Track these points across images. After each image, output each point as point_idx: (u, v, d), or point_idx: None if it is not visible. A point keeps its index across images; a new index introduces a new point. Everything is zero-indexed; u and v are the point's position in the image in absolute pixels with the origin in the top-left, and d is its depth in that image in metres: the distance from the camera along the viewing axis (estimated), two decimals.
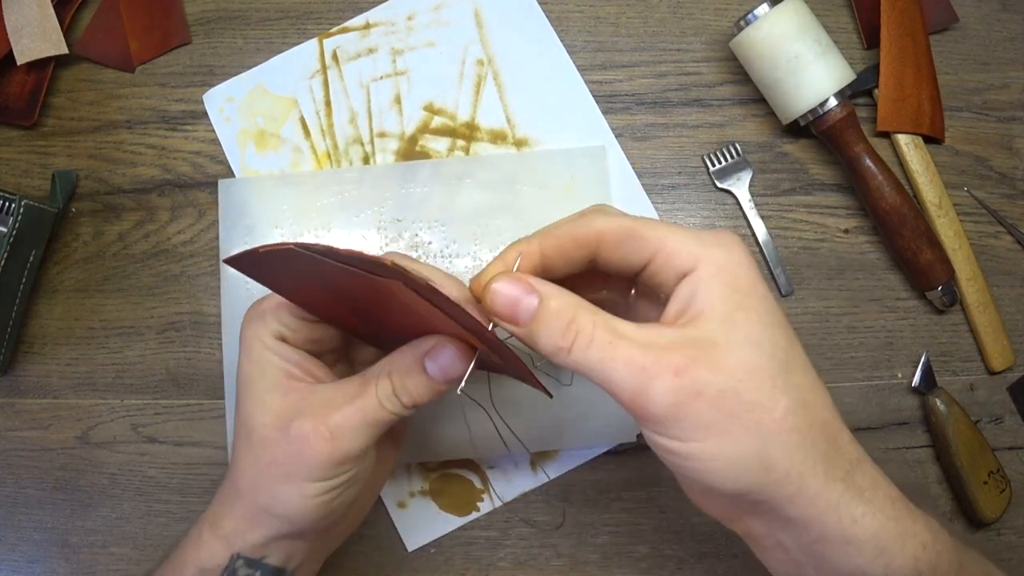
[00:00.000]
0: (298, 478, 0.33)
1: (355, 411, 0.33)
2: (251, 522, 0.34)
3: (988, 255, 0.50)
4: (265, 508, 0.34)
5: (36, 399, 0.50)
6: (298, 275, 0.32)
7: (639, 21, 0.53)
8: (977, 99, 0.52)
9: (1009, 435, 0.49)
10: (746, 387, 0.28)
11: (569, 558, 0.48)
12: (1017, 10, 0.53)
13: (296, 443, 0.33)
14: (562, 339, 0.29)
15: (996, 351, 0.49)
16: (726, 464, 0.28)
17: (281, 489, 0.33)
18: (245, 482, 0.34)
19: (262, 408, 0.34)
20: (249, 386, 0.35)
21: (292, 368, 0.35)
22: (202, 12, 0.53)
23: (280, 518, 0.34)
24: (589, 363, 0.29)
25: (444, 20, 0.52)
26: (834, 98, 0.47)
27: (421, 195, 0.50)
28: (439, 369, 0.33)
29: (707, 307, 0.29)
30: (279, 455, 0.33)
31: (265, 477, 0.34)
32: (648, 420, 0.28)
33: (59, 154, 0.52)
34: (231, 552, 0.34)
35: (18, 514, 0.49)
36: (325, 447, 0.33)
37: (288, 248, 0.28)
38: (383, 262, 0.28)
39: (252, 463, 0.34)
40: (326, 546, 0.39)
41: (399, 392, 0.34)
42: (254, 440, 0.34)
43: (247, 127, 0.52)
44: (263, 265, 0.31)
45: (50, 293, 0.51)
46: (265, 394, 0.34)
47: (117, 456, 0.50)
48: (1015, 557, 0.48)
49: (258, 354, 0.35)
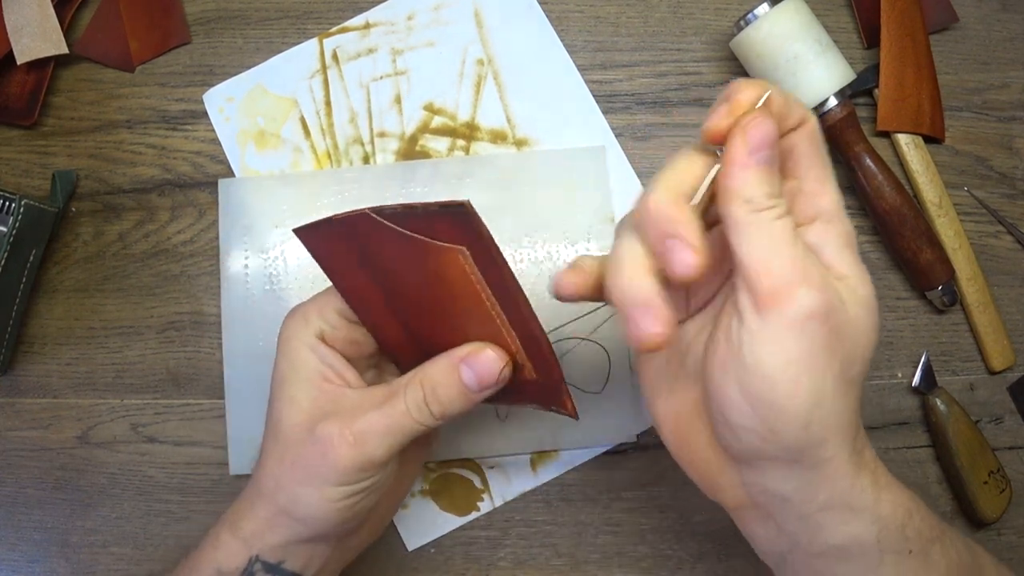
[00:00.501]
0: (320, 480, 0.33)
1: (381, 418, 0.33)
2: (271, 523, 0.34)
3: (988, 255, 0.50)
4: (286, 509, 0.34)
5: (36, 399, 0.50)
6: (357, 256, 0.32)
7: (639, 21, 0.53)
8: (977, 99, 0.52)
9: (1009, 435, 0.49)
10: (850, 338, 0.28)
11: (569, 558, 0.48)
12: (1017, 10, 0.53)
13: (321, 444, 0.33)
14: (766, 199, 0.27)
15: (996, 351, 0.49)
16: (799, 398, 0.27)
17: (303, 490, 0.33)
18: (268, 481, 0.34)
19: (292, 407, 0.34)
20: (282, 384, 0.35)
21: (326, 369, 0.35)
22: (202, 12, 0.53)
23: (300, 520, 0.34)
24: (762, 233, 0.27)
25: (444, 20, 0.52)
26: (834, 98, 0.47)
27: (421, 195, 0.50)
28: (475, 377, 0.33)
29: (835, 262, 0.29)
30: (303, 455, 0.33)
31: (288, 477, 0.34)
32: (774, 311, 0.27)
33: (59, 154, 0.52)
34: (250, 554, 0.34)
35: (18, 514, 0.49)
36: (348, 451, 0.32)
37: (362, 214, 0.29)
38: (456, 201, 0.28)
39: (277, 461, 0.34)
40: (344, 555, 0.39)
41: (430, 401, 0.33)
42: (280, 438, 0.34)
43: (247, 127, 0.52)
44: (329, 239, 0.32)
45: (50, 293, 0.51)
46: (297, 392, 0.34)
47: (117, 456, 0.49)
48: (1015, 557, 0.48)
49: (295, 353, 0.35)
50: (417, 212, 0.29)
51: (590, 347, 0.48)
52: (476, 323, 0.32)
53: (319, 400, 0.34)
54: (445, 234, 0.29)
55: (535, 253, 0.49)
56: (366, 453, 0.33)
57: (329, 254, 0.34)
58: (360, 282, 0.34)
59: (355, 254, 0.32)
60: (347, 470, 0.33)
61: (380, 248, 0.30)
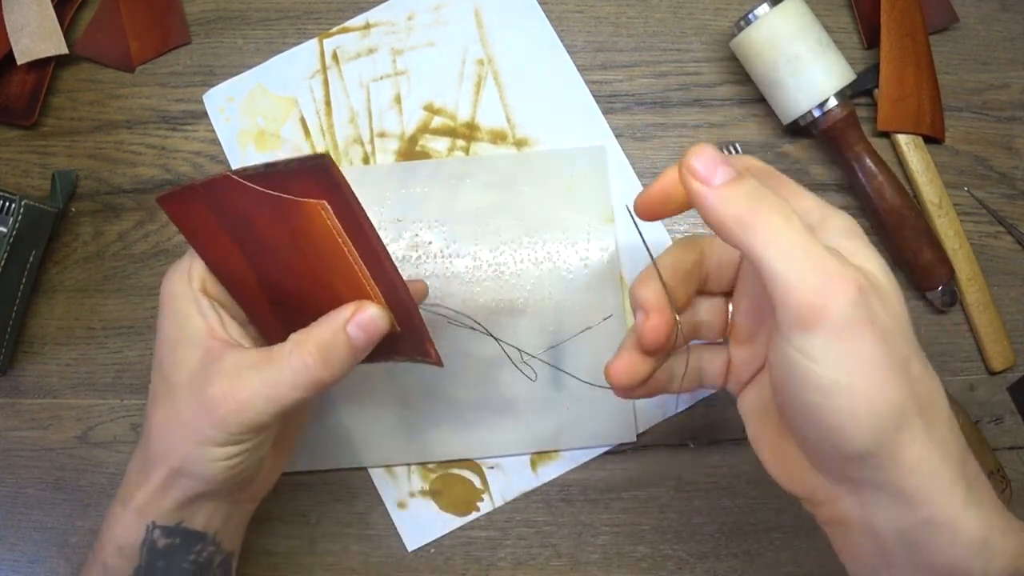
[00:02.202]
0: (206, 440, 0.33)
1: (261, 383, 0.33)
2: (165, 487, 0.35)
3: (988, 255, 0.50)
4: (177, 470, 0.34)
5: (36, 399, 0.50)
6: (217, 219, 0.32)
7: (639, 21, 0.53)
8: (977, 99, 0.52)
9: (1009, 435, 0.49)
10: (901, 338, 0.27)
11: (569, 558, 0.48)
12: (1017, 10, 0.53)
13: (207, 404, 0.33)
14: (750, 214, 0.27)
15: (996, 351, 0.49)
16: (871, 409, 0.26)
17: (192, 449, 0.34)
18: (158, 444, 0.35)
19: (181, 368, 0.34)
20: (170, 345, 0.35)
21: (212, 327, 0.35)
22: (202, 12, 0.53)
23: (191, 477, 0.34)
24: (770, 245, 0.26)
25: (444, 20, 0.52)
26: (834, 98, 0.47)
27: (421, 195, 0.50)
28: (364, 334, 0.33)
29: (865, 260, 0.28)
30: (190, 415, 0.34)
31: (177, 437, 0.34)
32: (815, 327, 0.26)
33: (59, 154, 0.52)
34: (146, 523, 0.35)
35: (18, 514, 0.49)
36: (232, 415, 0.33)
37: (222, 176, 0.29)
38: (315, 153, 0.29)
39: (165, 422, 0.35)
40: (240, 511, 0.39)
41: (317, 366, 0.33)
42: (170, 401, 0.34)
43: (247, 127, 0.52)
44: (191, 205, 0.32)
45: (50, 293, 0.51)
46: (185, 353, 0.34)
47: (117, 456, 0.50)
48: None
49: (182, 312, 0.35)
50: (278, 168, 0.29)
51: (597, 345, 0.48)
52: (340, 277, 0.32)
53: (204, 359, 0.34)
54: (305, 190, 0.30)
55: (535, 253, 0.49)
56: (251, 417, 0.33)
57: (192, 221, 0.34)
58: (222, 246, 0.34)
59: (215, 218, 0.33)
60: (230, 432, 0.33)
61: (242, 210, 0.31)
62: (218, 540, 0.37)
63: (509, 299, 0.49)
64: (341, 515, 0.49)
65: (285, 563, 0.48)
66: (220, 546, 0.37)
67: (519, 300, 0.49)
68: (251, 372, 0.33)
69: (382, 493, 0.48)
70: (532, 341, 0.48)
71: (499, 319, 0.49)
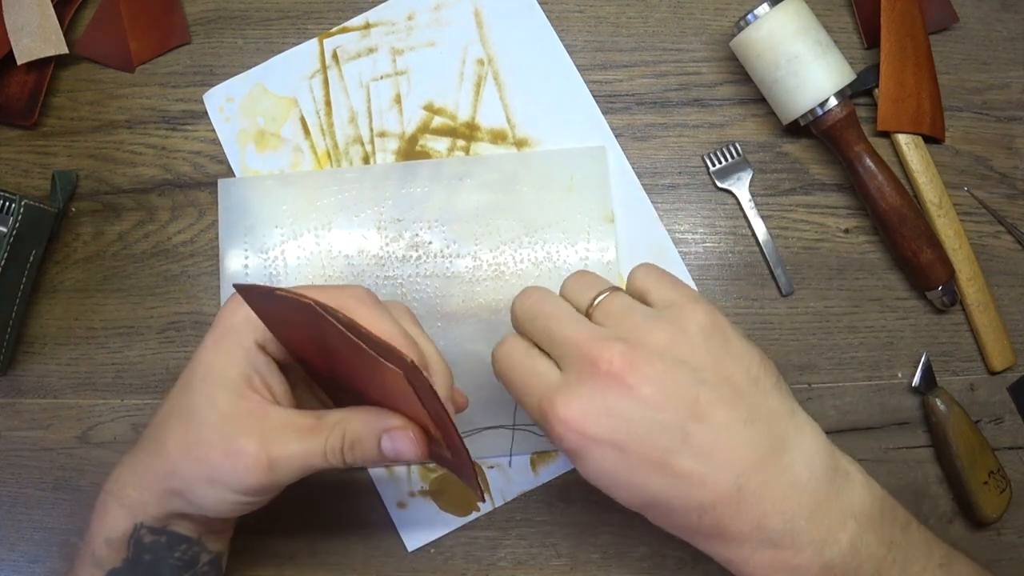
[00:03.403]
0: (223, 486, 0.33)
1: (300, 451, 0.33)
2: (158, 500, 0.35)
3: (988, 255, 0.50)
4: (178, 491, 0.34)
5: (36, 399, 0.50)
6: (299, 324, 0.32)
7: (639, 21, 0.53)
8: (977, 99, 0.52)
9: (1009, 435, 0.49)
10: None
11: (569, 558, 0.48)
12: (1017, 10, 0.53)
13: (235, 457, 0.33)
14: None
15: (996, 351, 0.49)
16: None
17: (203, 487, 0.34)
18: (164, 462, 0.35)
19: (211, 404, 0.34)
20: (206, 373, 0.34)
21: (254, 377, 0.35)
22: (202, 12, 0.53)
23: (191, 504, 0.34)
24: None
25: (444, 20, 0.52)
26: (834, 98, 0.47)
27: (421, 195, 0.50)
28: (393, 450, 0.34)
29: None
30: (214, 458, 0.33)
31: (190, 470, 0.34)
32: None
33: (59, 154, 0.52)
34: (135, 521, 0.35)
35: (18, 514, 0.49)
36: (261, 474, 0.33)
37: (307, 304, 0.28)
38: (401, 356, 0.28)
39: (181, 450, 0.34)
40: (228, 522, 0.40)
41: (347, 451, 0.34)
42: (191, 432, 0.34)
43: (247, 127, 0.52)
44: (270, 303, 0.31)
45: (50, 293, 0.51)
46: (219, 391, 0.34)
47: (117, 456, 0.48)
48: (1016, 557, 0.48)
49: (230, 347, 0.34)
50: (360, 334, 0.29)
51: None
52: (404, 402, 0.33)
53: (238, 408, 0.34)
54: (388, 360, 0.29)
55: (535, 254, 0.49)
56: (276, 478, 0.33)
57: (268, 310, 0.33)
58: (296, 335, 0.34)
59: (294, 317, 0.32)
60: (254, 488, 0.33)
61: (320, 329, 0.30)
62: (204, 543, 0.37)
63: (509, 299, 0.48)
64: (341, 515, 0.49)
65: (286, 563, 0.48)
66: (206, 547, 0.38)
67: None
68: (292, 436, 0.33)
69: (382, 493, 0.48)
70: None
71: (499, 319, 0.49)
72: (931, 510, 0.49)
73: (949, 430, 0.47)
